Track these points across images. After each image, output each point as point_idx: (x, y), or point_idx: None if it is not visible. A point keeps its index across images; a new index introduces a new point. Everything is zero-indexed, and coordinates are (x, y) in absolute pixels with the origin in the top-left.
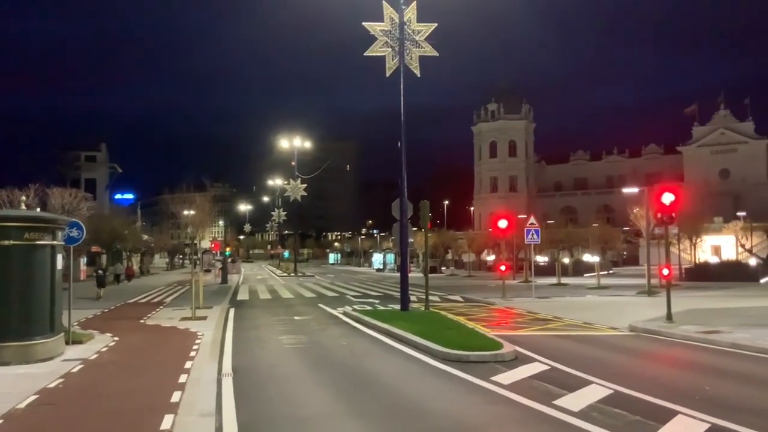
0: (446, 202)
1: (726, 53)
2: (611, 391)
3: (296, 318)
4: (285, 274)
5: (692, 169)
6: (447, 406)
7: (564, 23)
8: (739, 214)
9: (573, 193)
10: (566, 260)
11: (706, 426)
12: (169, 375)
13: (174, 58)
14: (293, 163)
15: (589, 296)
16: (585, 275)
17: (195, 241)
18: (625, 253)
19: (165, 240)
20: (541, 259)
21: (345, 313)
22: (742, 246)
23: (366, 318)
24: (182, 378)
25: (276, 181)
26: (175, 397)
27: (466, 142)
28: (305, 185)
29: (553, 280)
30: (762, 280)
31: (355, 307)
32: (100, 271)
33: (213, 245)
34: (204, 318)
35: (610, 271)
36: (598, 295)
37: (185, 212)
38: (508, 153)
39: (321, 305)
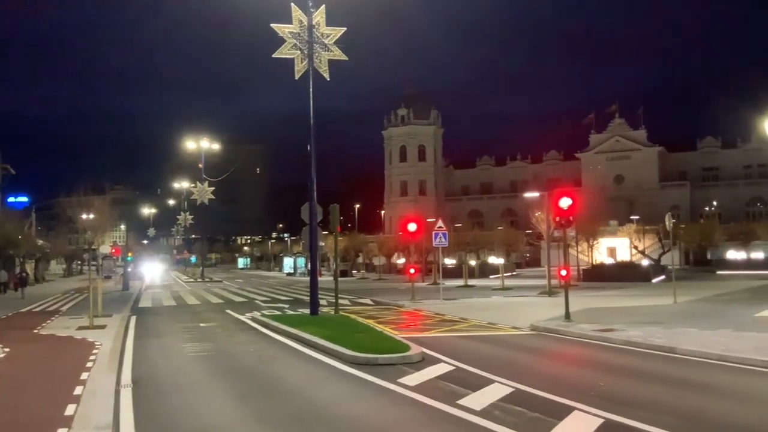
0: (357, 205)
1: (621, 65)
2: (512, 390)
3: (202, 325)
4: (191, 280)
5: (589, 175)
6: (354, 410)
7: (471, 33)
8: (632, 217)
9: (479, 197)
10: (473, 262)
11: (600, 421)
12: (64, 387)
13: (73, 57)
14: (200, 166)
15: (494, 297)
16: (490, 277)
17: (94, 247)
18: (528, 255)
19: (62, 245)
20: (449, 262)
21: (253, 319)
22: (636, 248)
23: (274, 323)
24: (77, 390)
25: (182, 184)
26: (70, 410)
27: (377, 146)
28: (213, 188)
29: (461, 282)
30: (654, 280)
31: (264, 312)
32: None
33: (114, 250)
34: (103, 327)
35: (514, 273)
36: (502, 296)
37: (83, 216)
38: (417, 157)
39: (228, 311)
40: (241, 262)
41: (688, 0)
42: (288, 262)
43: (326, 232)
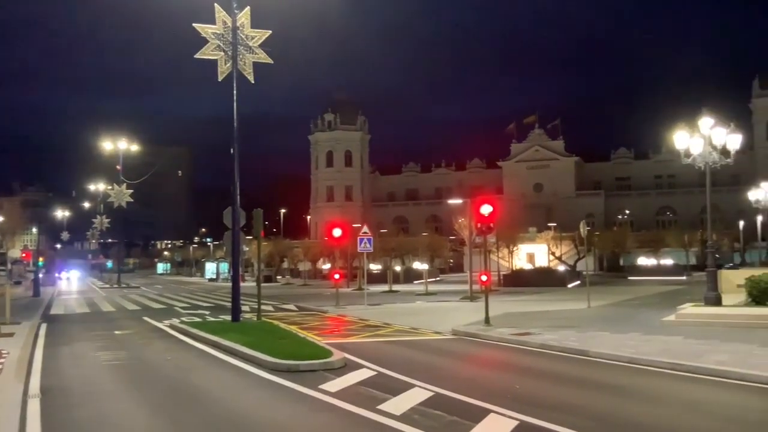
0: (283, 210)
1: (542, 77)
2: (432, 393)
3: (117, 332)
4: (107, 286)
5: (511, 183)
6: (273, 417)
7: (399, 41)
8: (550, 224)
9: (405, 203)
10: (398, 268)
11: (515, 423)
12: None
13: None
14: (118, 167)
15: (417, 302)
16: (415, 282)
17: (2, 251)
18: (451, 260)
19: None
20: (375, 267)
21: (171, 326)
22: (553, 254)
23: (194, 330)
24: None
25: (99, 186)
26: None
27: (303, 151)
28: (131, 191)
29: (386, 287)
30: (569, 285)
31: (184, 319)
32: None
33: (24, 255)
34: (11, 335)
35: (438, 278)
36: (425, 301)
37: None
38: (344, 163)
39: (146, 318)
40: (161, 267)
41: (605, 17)
42: (210, 268)
43: (250, 237)
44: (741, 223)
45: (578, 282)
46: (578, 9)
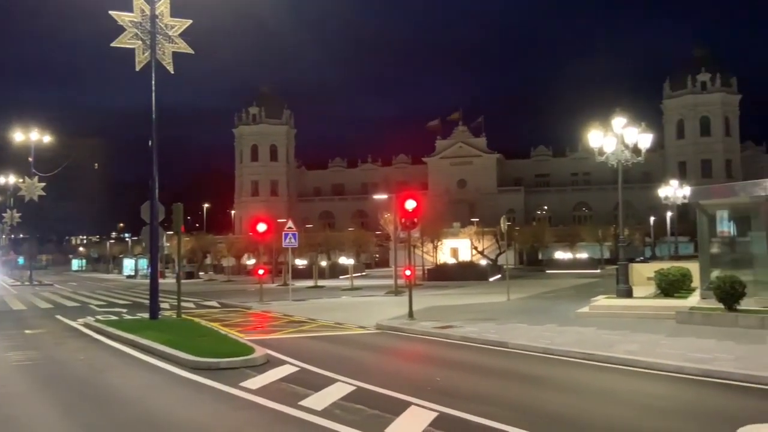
0: (206, 205)
1: (465, 74)
2: (354, 388)
3: (27, 332)
4: (18, 283)
5: (435, 179)
6: (192, 416)
7: (324, 36)
8: (473, 220)
9: (331, 198)
10: (324, 263)
11: (435, 414)
12: None
13: None
14: (30, 159)
15: (343, 297)
16: (341, 277)
17: None
18: (377, 255)
19: None
20: (300, 263)
21: (86, 325)
22: (475, 248)
23: (110, 329)
24: None
25: (9, 179)
26: None
27: (228, 144)
28: (44, 184)
29: (311, 282)
30: (491, 279)
31: (99, 317)
32: None
33: None
34: None
35: (364, 273)
36: (351, 296)
37: None
38: (269, 157)
39: (59, 317)
40: (76, 263)
41: (525, 17)
42: (128, 264)
43: (171, 233)
44: (652, 219)
45: (499, 276)
46: (501, 8)
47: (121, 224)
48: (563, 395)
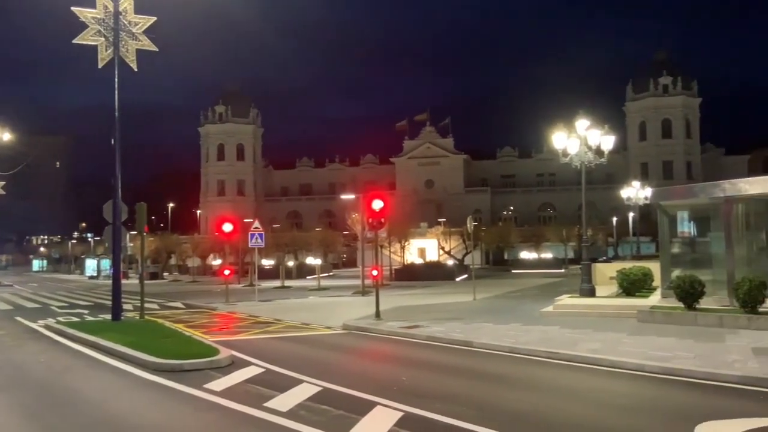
0: (171, 204)
1: (433, 76)
2: (320, 389)
3: None
4: None
5: (403, 179)
6: (155, 419)
7: (294, 37)
8: (440, 220)
9: (299, 198)
10: (291, 263)
11: (400, 414)
12: None
13: None
14: None
15: (310, 298)
16: (308, 277)
17: None
18: (345, 255)
19: None
20: (268, 263)
21: (47, 326)
22: (442, 248)
23: (71, 331)
24: None
25: None
26: None
27: (193, 143)
28: (4, 182)
29: (278, 283)
30: (458, 279)
31: (60, 319)
32: None
33: None
34: None
35: (331, 273)
36: (318, 297)
37: None
38: (236, 156)
39: (18, 318)
40: (37, 264)
41: (493, 20)
42: (90, 265)
43: (134, 232)
44: (615, 219)
45: (466, 275)
46: (468, 11)
47: (84, 224)
48: (527, 393)
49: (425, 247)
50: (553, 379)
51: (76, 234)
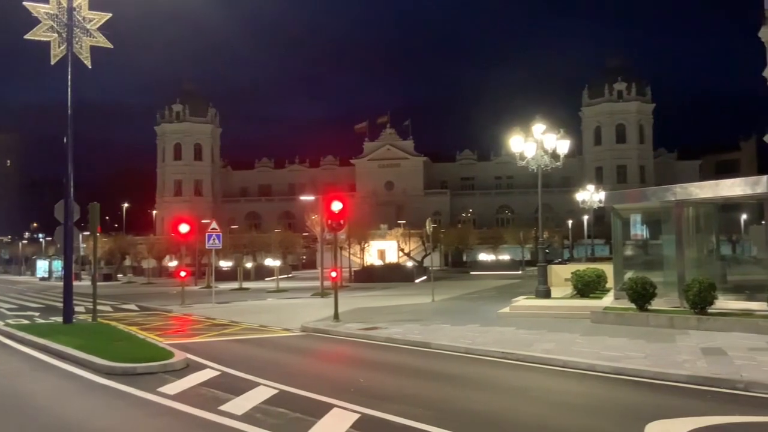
0: (126, 204)
1: (394, 78)
2: (276, 391)
3: None
4: None
5: (363, 181)
6: (106, 424)
7: (253, 35)
8: (400, 222)
9: (258, 199)
10: (249, 265)
11: (357, 416)
12: None
13: None
14: None
15: (269, 299)
16: (267, 279)
17: None
18: (304, 257)
19: None
20: (225, 264)
21: None
22: (402, 250)
23: (20, 333)
24: None
25: None
26: None
27: (150, 142)
28: None
29: (236, 284)
30: (417, 281)
31: (9, 321)
32: None
33: None
34: None
35: (290, 275)
36: (277, 298)
37: None
38: (193, 156)
39: None
40: None
41: (453, 24)
42: (42, 266)
43: (87, 233)
44: (570, 222)
45: (425, 277)
46: (429, 14)
47: (35, 224)
48: (483, 394)
49: (385, 249)
50: (508, 380)
51: (27, 234)
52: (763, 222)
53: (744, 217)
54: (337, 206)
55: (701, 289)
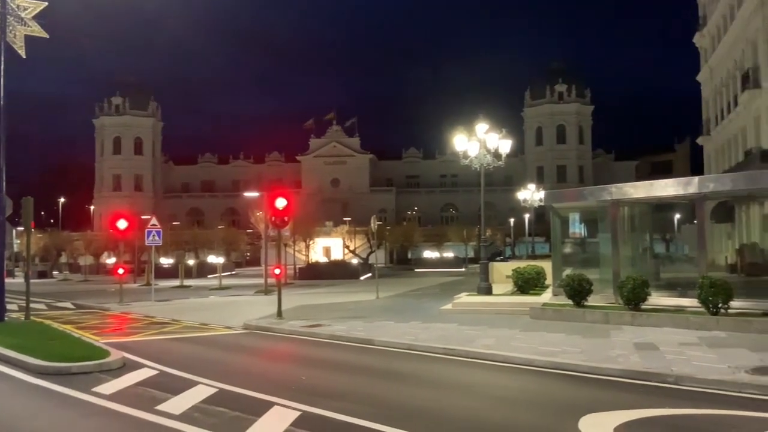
0: (62, 200)
1: (340, 76)
2: (216, 390)
3: None
4: None
5: (309, 178)
6: (37, 426)
7: (197, 28)
8: (345, 219)
9: (201, 195)
10: (191, 262)
11: (297, 414)
12: None
13: None
14: None
15: (211, 297)
16: (209, 276)
17: None
18: (248, 254)
19: None
20: (166, 262)
21: None
22: (347, 247)
23: None
24: None
25: None
26: None
27: (88, 136)
28: None
29: (177, 282)
30: (362, 278)
31: None
32: None
33: None
34: None
35: (234, 272)
36: (219, 296)
37: None
38: (133, 150)
39: None
40: None
41: (399, 22)
42: None
43: (21, 228)
44: (512, 220)
45: (370, 274)
46: (375, 12)
47: None
48: (424, 390)
49: (330, 246)
50: (449, 375)
51: None
52: (695, 221)
53: (677, 216)
54: (281, 203)
55: (635, 286)
